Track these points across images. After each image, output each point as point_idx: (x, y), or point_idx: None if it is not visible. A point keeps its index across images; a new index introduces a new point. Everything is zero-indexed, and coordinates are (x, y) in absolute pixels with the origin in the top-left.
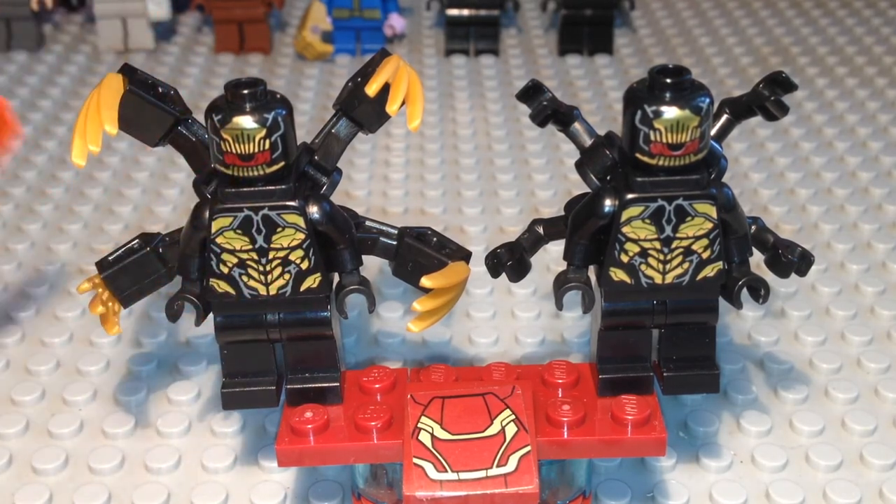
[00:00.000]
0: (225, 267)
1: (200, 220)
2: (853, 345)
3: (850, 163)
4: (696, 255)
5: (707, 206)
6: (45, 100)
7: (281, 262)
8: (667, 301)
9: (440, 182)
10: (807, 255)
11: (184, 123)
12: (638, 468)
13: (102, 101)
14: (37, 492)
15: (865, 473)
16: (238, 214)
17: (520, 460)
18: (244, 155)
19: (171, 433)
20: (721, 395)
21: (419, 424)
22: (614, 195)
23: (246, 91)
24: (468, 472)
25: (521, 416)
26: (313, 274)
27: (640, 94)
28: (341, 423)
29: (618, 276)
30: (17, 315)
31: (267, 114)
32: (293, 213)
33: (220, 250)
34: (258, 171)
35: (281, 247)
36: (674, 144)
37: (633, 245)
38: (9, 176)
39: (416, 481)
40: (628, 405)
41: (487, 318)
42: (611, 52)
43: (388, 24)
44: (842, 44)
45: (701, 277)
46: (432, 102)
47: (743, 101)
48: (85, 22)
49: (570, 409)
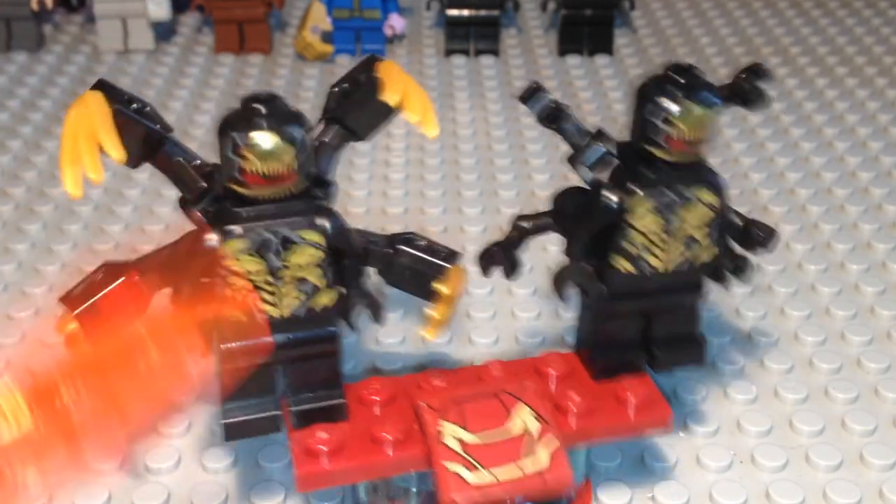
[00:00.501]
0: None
1: (203, 244)
2: (853, 345)
3: (850, 163)
4: (696, 243)
5: (709, 195)
6: (45, 100)
7: (296, 282)
8: (661, 286)
9: (440, 182)
10: (772, 231)
11: (167, 141)
12: (638, 468)
13: (98, 123)
14: (36, 491)
15: (865, 473)
16: (252, 236)
17: (551, 454)
18: (272, 175)
19: (171, 433)
20: (721, 394)
21: (442, 430)
22: (623, 191)
23: (266, 107)
24: (503, 471)
25: (539, 410)
26: (329, 291)
27: (660, 91)
28: (355, 439)
29: (624, 268)
30: (18, 315)
31: (295, 132)
32: (314, 231)
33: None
34: (284, 192)
35: (297, 266)
36: (692, 141)
37: (640, 237)
38: (9, 176)
39: (453, 486)
40: (630, 388)
41: (487, 318)
42: (611, 52)
43: (388, 24)
44: (842, 44)
45: (700, 262)
46: (432, 102)
47: (724, 91)
48: (85, 22)
49: (577, 399)
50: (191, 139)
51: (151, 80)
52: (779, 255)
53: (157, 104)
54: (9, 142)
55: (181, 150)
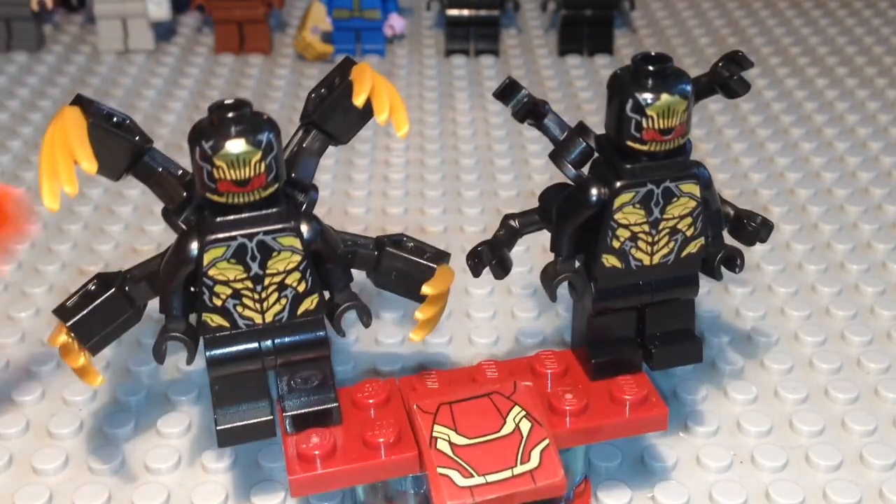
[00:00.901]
0: (218, 299)
1: (187, 252)
2: (853, 345)
3: (850, 163)
4: (680, 234)
5: (692, 186)
6: (45, 100)
7: (277, 288)
8: (652, 281)
9: (440, 182)
10: (767, 222)
11: (148, 153)
12: (638, 468)
13: (71, 135)
14: (37, 492)
15: (865, 473)
16: (231, 243)
17: (542, 454)
18: (240, 180)
19: (171, 433)
20: (721, 394)
21: (434, 433)
22: (603, 184)
23: (233, 114)
24: (494, 474)
25: (531, 410)
26: (310, 295)
27: (628, 82)
28: (348, 443)
29: (609, 262)
30: (18, 316)
31: (260, 136)
32: (289, 235)
33: (213, 283)
34: (254, 196)
35: (277, 271)
36: (665, 129)
37: (624, 230)
38: (9, 176)
39: (446, 491)
40: (626, 386)
41: (487, 318)
42: (611, 52)
43: (388, 25)
44: (842, 44)
45: (685, 254)
46: (432, 102)
47: (703, 81)
48: (85, 22)
49: (572, 398)
50: None
51: (151, 80)
52: (779, 255)
53: (156, 104)
54: (9, 142)
55: (162, 161)
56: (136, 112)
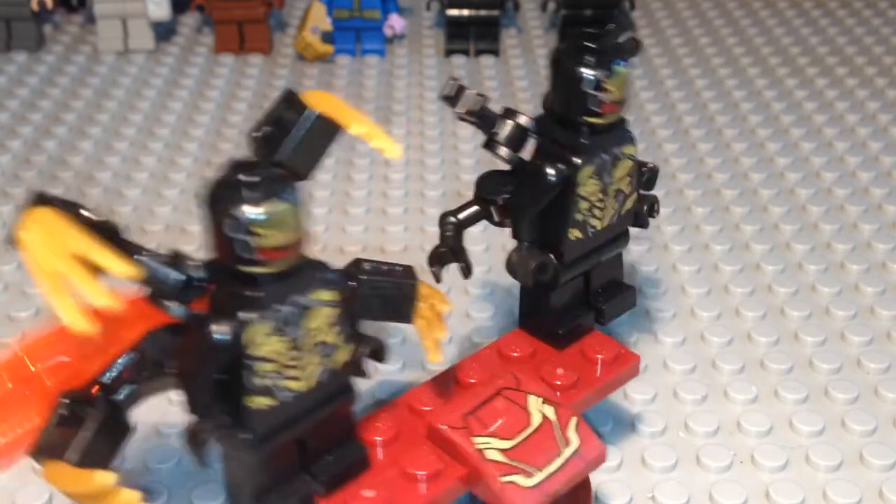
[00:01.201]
0: (260, 378)
1: (217, 341)
2: (853, 345)
3: (850, 163)
4: (622, 194)
5: (631, 148)
6: (45, 100)
7: (316, 348)
8: (600, 243)
9: (440, 182)
10: (654, 167)
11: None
12: (638, 468)
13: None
14: (37, 492)
15: (865, 473)
16: (278, 314)
17: (578, 432)
18: (288, 244)
19: (171, 433)
20: (721, 394)
21: (478, 446)
22: (562, 163)
23: (258, 174)
24: (550, 466)
25: (544, 394)
26: (349, 345)
27: (579, 58)
28: (394, 486)
29: (573, 235)
30: (18, 316)
31: (293, 191)
32: (326, 289)
33: (253, 361)
34: (292, 261)
35: (316, 330)
36: (620, 101)
37: (584, 202)
38: (9, 176)
39: (518, 497)
40: (593, 347)
41: (487, 318)
42: None
43: (387, 25)
44: (842, 44)
45: (625, 211)
46: (432, 103)
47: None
48: (85, 22)
49: (563, 372)
50: (190, 139)
51: (151, 80)
52: (779, 255)
53: (156, 104)
54: (9, 142)
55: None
56: (136, 112)
